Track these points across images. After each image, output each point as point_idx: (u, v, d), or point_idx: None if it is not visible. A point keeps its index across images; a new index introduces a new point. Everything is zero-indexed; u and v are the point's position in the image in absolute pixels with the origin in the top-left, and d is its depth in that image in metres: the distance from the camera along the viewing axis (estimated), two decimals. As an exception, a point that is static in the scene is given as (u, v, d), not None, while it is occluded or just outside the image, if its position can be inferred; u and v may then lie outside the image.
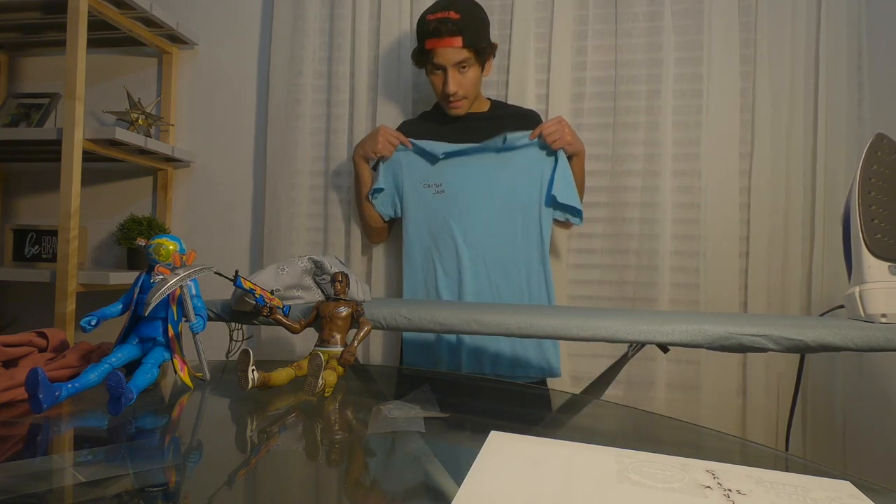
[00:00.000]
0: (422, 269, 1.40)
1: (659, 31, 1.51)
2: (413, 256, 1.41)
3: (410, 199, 1.41)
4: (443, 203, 1.38)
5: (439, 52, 1.30)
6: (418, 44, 1.35)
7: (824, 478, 0.42)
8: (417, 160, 1.41)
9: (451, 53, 1.30)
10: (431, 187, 1.39)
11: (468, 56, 1.31)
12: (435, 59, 1.31)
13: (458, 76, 1.33)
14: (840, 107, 1.42)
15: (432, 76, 1.37)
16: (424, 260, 1.40)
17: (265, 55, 1.77)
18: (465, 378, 1.00)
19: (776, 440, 1.42)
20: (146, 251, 0.69)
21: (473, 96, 1.40)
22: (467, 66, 1.33)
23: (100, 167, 1.85)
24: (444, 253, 1.37)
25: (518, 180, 1.36)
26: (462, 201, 1.36)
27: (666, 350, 0.87)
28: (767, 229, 1.44)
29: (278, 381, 0.67)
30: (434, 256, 1.38)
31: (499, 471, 0.41)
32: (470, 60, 1.32)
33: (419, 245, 1.40)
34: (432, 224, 1.39)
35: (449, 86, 1.33)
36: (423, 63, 1.36)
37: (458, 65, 1.32)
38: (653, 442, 0.66)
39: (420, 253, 1.40)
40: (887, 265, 0.81)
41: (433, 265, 1.38)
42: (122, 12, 1.60)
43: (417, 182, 1.40)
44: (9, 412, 0.58)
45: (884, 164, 0.83)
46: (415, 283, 1.40)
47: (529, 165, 1.37)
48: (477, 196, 1.36)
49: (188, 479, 0.45)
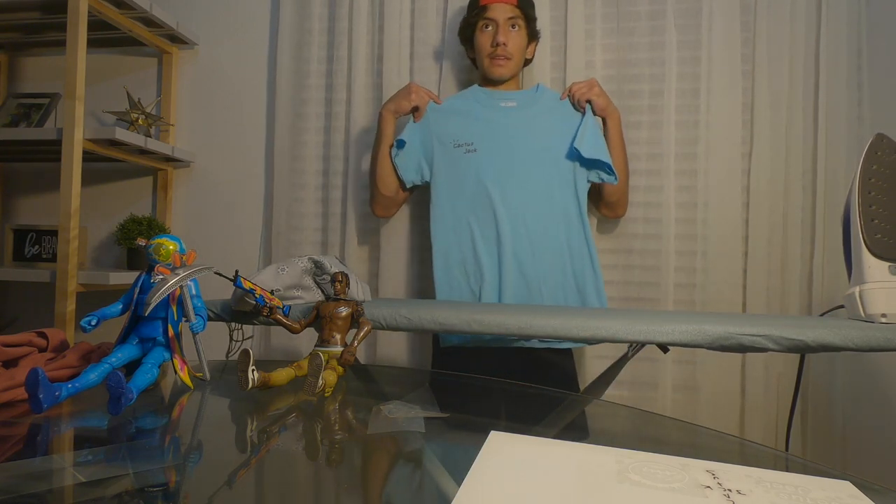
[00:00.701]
0: (455, 232, 1.34)
1: (661, 31, 1.51)
2: (445, 220, 1.35)
3: (440, 160, 1.37)
4: (476, 163, 1.33)
5: (493, 6, 1.35)
6: (469, 8, 1.40)
7: (824, 478, 0.42)
8: (446, 119, 1.38)
9: (504, 8, 1.34)
10: (462, 147, 1.35)
11: (519, 16, 1.36)
12: (488, 13, 1.35)
13: (509, 31, 1.36)
14: (840, 107, 1.42)
15: (481, 35, 1.38)
16: (458, 223, 1.34)
17: (266, 55, 1.77)
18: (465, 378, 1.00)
19: (776, 440, 1.42)
20: (146, 251, 0.69)
21: (518, 62, 1.40)
22: (517, 26, 1.36)
23: (100, 167, 1.85)
24: (482, 215, 1.31)
25: (551, 138, 1.34)
26: (496, 160, 1.32)
27: (666, 350, 0.87)
28: (767, 229, 1.44)
29: (278, 381, 0.67)
30: (470, 220, 1.32)
31: (499, 471, 0.41)
32: (520, 22, 1.36)
33: (451, 208, 1.34)
34: (466, 186, 1.33)
35: (499, 35, 1.34)
36: (473, 26, 1.38)
37: (510, 20, 1.35)
38: (653, 442, 0.66)
39: (453, 216, 1.34)
40: (887, 265, 0.81)
41: (469, 229, 1.32)
42: (122, 12, 1.60)
43: (448, 142, 1.36)
44: (9, 412, 0.58)
45: (884, 164, 0.83)
46: (447, 247, 1.34)
47: (561, 123, 1.35)
48: (511, 155, 1.33)
49: (188, 479, 0.45)
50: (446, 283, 1.33)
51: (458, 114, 1.38)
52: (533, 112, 1.37)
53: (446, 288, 1.33)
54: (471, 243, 1.32)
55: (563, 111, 1.37)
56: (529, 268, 1.29)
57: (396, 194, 1.44)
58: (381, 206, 1.47)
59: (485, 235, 1.31)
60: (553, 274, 1.30)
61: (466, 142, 1.35)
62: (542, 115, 1.37)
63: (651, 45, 1.52)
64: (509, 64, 1.38)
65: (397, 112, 1.38)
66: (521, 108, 1.37)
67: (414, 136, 1.38)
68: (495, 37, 1.35)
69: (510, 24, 1.35)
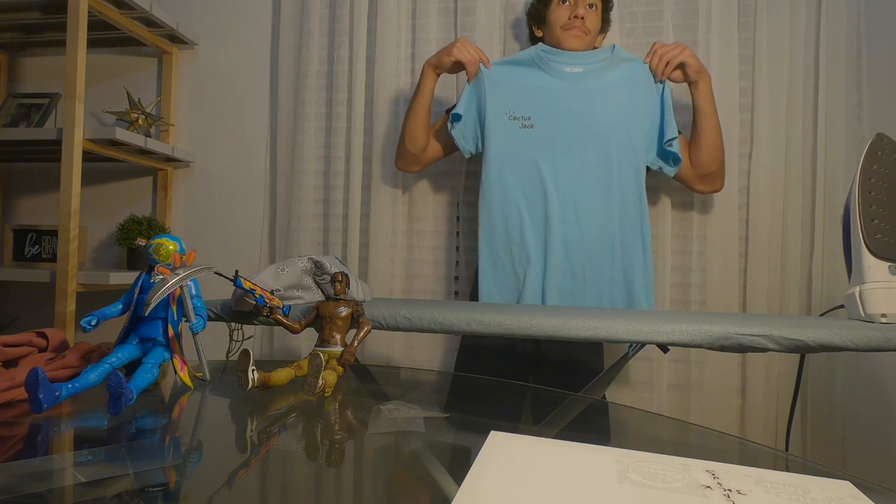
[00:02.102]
0: (502, 212, 1.26)
1: (658, 32, 1.51)
2: (493, 198, 1.27)
3: (493, 133, 1.27)
4: (531, 140, 1.25)
5: None
6: None
7: (824, 478, 0.42)
8: (504, 85, 1.28)
9: None
10: (518, 120, 1.26)
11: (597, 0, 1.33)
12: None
13: (587, 9, 1.31)
14: (839, 107, 1.42)
15: (558, 8, 1.32)
16: (507, 202, 1.26)
17: (266, 55, 1.77)
18: (465, 378, 1.00)
19: (775, 440, 1.42)
20: (146, 251, 0.69)
21: (591, 41, 1.35)
22: (595, 6, 1.33)
23: (100, 167, 1.85)
24: (532, 198, 1.24)
25: (617, 114, 1.24)
26: (554, 139, 1.24)
27: (666, 350, 0.87)
28: (767, 229, 1.44)
29: (278, 381, 0.67)
30: (520, 202, 1.25)
31: (499, 471, 0.41)
32: (598, 3, 1.33)
33: (501, 186, 1.26)
34: (517, 164, 1.25)
35: (579, 8, 1.29)
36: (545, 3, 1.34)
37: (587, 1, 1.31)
38: (653, 442, 0.66)
39: (502, 195, 1.26)
40: (887, 265, 0.81)
41: (518, 212, 1.25)
42: (122, 12, 1.60)
43: (502, 112, 1.27)
44: (9, 412, 0.58)
45: (884, 164, 0.83)
46: (493, 226, 1.28)
47: (632, 95, 1.25)
48: (570, 134, 1.24)
49: (188, 479, 0.45)
50: (490, 264, 1.28)
51: (516, 82, 1.28)
52: (600, 82, 1.26)
53: (489, 268, 1.28)
54: (518, 225, 1.25)
55: (636, 81, 1.25)
56: (577, 255, 1.23)
57: (422, 153, 1.40)
58: (404, 159, 1.44)
59: (533, 217, 1.25)
60: (602, 263, 1.24)
61: (523, 115, 1.26)
62: (611, 85, 1.25)
63: (648, 46, 1.51)
64: (585, 38, 1.32)
65: (438, 67, 1.31)
66: (587, 76, 1.26)
67: (470, 105, 1.30)
68: (575, 9, 1.30)
69: (588, 4, 1.31)
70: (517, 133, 1.26)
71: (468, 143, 1.33)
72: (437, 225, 1.62)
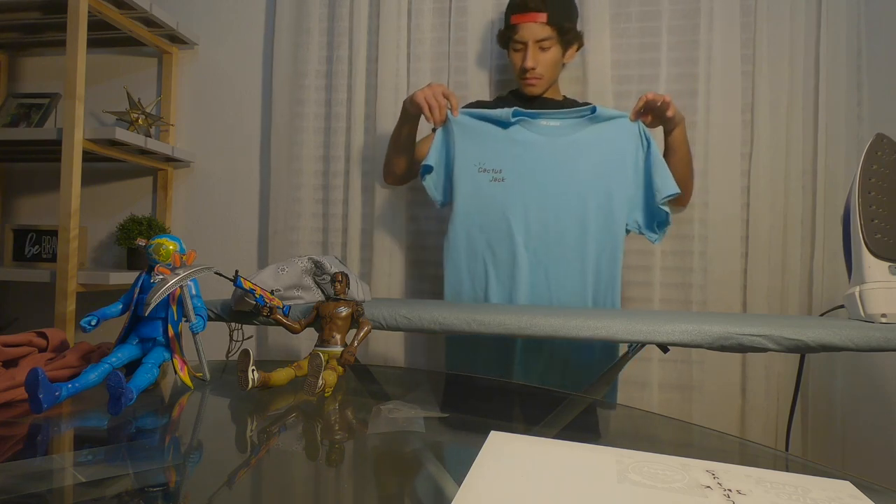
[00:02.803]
0: (468, 272, 1.22)
1: (657, 32, 1.51)
2: (458, 257, 1.22)
3: (461, 185, 1.21)
4: (501, 194, 1.18)
5: (522, 26, 1.28)
6: (504, 21, 1.33)
7: (824, 478, 0.42)
8: (474, 136, 1.21)
9: (533, 28, 1.27)
10: (488, 172, 1.20)
11: (551, 34, 1.27)
12: (517, 34, 1.29)
13: (538, 53, 1.29)
14: (840, 107, 1.42)
15: (513, 54, 1.32)
16: (472, 262, 1.21)
17: (266, 55, 1.77)
18: (465, 378, 1.00)
19: (776, 440, 1.42)
20: (146, 251, 0.69)
21: (550, 77, 1.34)
22: (549, 44, 1.29)
23: (100, 167, 1.85)
24: (499, 256, 1.19)
25: (597, 176, 1.17)
26: (527, 196, 1.18)
27: (666, 350, 0.87)
28: (767, 229, 1.44)
29: (278, 381, 0.67)
30: (486, 259, 1.20)
31: (499, 471, 0.41)
32: (552, 39, 1.28)
33: (468, 244, 1.21)
34: (486, 219, 1.19)
35: (527, 60, 1.28)
36: (507, 40, 1.33)
37: (539, 42, 1.28)
38: (653, 442, 0.66)
39: (468, 254, 1.21)
40: (887, 265, 0.81)
41: (484, 270, 1.20)
42: (122, 12, 1.60)
43: (471, 164, 1.21)
44: (9, 412, 0.58)
45: (884, 164, 0.83)
46: (459, 285, 1.23)
47: (615, 159, 1.17)
48: (545, 191, 1.17)
49: (188, 479, 0.45)
50: None
51: (488, 132, 1.21)
52: (579, 137, 1.19)
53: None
54: (484, 284, 1.20)
55: (619, 139, 1.17)
56: None
57: (407, 173, 1.43)
58: (390, 177, 1.46)
59: (500, 277, 1.19)
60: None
61: (494, 168, 1.19)
62: (591, 142, 1.19)
63: (647, 46, 1.52)
64: (541, 83, 1.33)
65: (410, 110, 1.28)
66: (565, 130, 1.20)
67: (440, 155, 1.24)
68: (524, 61, 1.29)
69: (539, 47, 1.28)
70: (486, 186, 1.19)
71: (439, 194, 1.27)
72: (436, 225, 1.61)
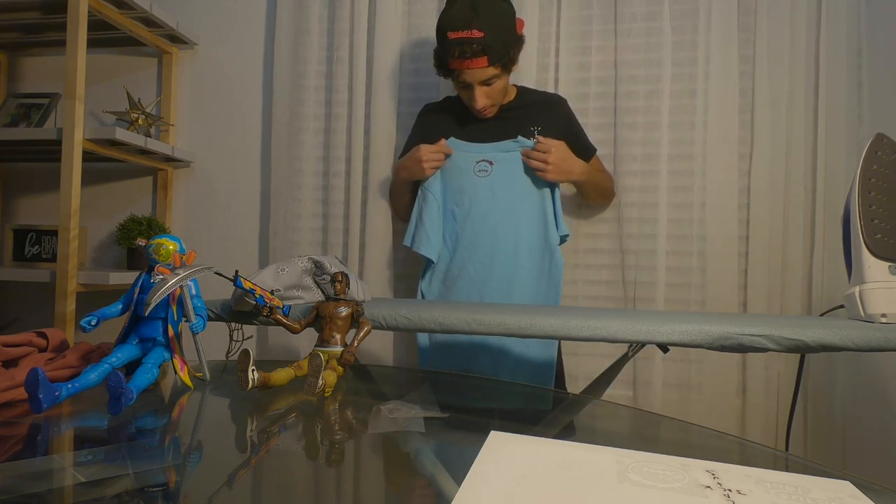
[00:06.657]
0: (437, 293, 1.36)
1: (658, 32, 1.51)
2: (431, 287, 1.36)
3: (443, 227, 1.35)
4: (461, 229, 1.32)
5: (465, 72, 1.25)
6: (441, 57, 1.29)
7: (824, 478, 0.42)
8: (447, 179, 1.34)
9: (477, 73, 1.24)
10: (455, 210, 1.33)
11: (495, 73, 1.25)
12: (461, 77, 1.27)
13: (486, 90, 1.28)
14: (840, 107, 1.42)
15: (459, 90, 1.33)
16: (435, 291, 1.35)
17: (267, 55, 1.77)
18: (465, 378, 1.00)
19: (776, 440, 1.41)
20: (146, 251, 0.69)
21: (502, 98, 1.35)
22: (494, 80, 1.27)
23: (100, 167, 1.85)
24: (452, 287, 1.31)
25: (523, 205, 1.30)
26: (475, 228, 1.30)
27: (666, 350, 0.87)
28: (767, 229, 1.44)
29: (278, 381, 0.67)
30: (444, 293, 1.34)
31: (499, 471, 0.41)
32: (497, 75, 1.27)
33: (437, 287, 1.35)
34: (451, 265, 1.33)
35: (477, 102, 1.29)
36: (448, 76, 1.31)
37: (484, 82, 1.27)
38: (653, 442, 0.66)
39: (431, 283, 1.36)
40: (887, 265, 0.81)
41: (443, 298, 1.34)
42: (122, 12, 1.59)
43: (448, 207, 1.34)
44: (9, 412, 0.58)
45: (884, 164, 0.83)
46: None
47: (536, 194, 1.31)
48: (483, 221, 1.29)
49: (188, 479, 0.45)
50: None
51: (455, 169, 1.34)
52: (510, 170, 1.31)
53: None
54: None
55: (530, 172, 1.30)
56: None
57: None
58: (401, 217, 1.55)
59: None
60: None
61: (457, 204, 1.33)
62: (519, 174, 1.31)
63: (647, 46, 1.51)
64: (494, 109, 1.34)
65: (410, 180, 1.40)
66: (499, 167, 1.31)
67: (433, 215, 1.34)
68: (473, 101, 1.29)
69: (484, 84, 1.27)
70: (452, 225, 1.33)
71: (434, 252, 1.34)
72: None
